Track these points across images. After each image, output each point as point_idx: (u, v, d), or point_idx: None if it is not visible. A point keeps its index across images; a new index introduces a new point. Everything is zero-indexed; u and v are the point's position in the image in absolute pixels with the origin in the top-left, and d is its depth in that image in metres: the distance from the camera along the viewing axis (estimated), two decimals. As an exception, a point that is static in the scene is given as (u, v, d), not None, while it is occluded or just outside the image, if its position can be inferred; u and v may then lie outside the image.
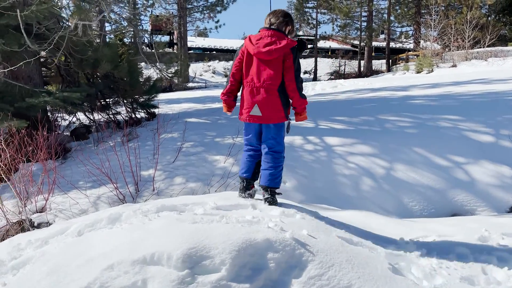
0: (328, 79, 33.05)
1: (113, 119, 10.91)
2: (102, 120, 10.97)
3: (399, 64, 35.23)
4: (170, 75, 10.11)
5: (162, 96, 22.49)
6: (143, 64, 11.39)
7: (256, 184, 3.44)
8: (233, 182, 6.25)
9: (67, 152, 8.53)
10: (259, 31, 3.11)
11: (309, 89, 18.90)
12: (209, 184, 6.20)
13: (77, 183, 6.43)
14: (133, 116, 10.89)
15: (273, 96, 2.92)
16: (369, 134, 7.59)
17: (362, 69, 36.92)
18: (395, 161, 6.78)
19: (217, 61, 42.48)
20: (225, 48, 45.55)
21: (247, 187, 3.20)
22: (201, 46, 44.37)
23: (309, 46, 46.13)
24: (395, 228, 2.77)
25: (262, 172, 3.21)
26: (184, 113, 11.28)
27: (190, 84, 34.95)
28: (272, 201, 3.07)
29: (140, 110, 11.03)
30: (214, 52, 44.65)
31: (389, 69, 35.06)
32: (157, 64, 7.16)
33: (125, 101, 10.47)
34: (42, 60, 9.80)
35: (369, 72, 35.62)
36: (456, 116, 8.25)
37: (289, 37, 3.08)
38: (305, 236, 2.09)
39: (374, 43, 39.13)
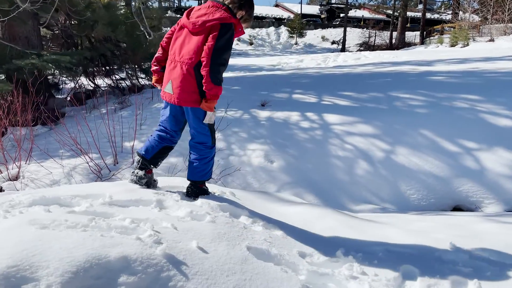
0: (357, 51, 31.68)
1: (117, 85, 10.63)
2: (105, 86, 10.71)
3: (434, 36, 33.26)
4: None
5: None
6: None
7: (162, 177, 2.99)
8: (216, 159, 5.84)
9: (61, 117, 8.31)
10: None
11: (330, 60, 18.05)
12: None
13: (57, 151, 6.17)
14: (137, 82, 10.55)
15: (188, 75, 2.49)
16: (374, 113, 6.95)
17: (393, 41, 35.12)
18: (397, 143, 6.17)
19: (243, 28, 41.39)
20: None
21: (141, 167, 2.73)
22: (228, 12, 43.20)
23: (341, 15, 44.28)
24: (344, 232, 2.31)
25: (188, 165, 2.79)
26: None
27: (214, 51, 34.32)
28: (190, 194, 2.68)
29: (144, 77, 10.67)
30: (241, 18, 43.46)
31: (422, 42, 33.18)
32: (148, 28, 6.74)
33: (127, 67, 10.11)
34: (42, 22, 9.48)
35: (401, 44, 33.81)
36: (475, 96, 7.45)
37: (240, 21, 2.56)
38: (191, 250, 1.67)
39: (409, 13, 37.06)
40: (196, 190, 2.67)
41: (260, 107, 7.32)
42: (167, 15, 21.18)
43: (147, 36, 7.11)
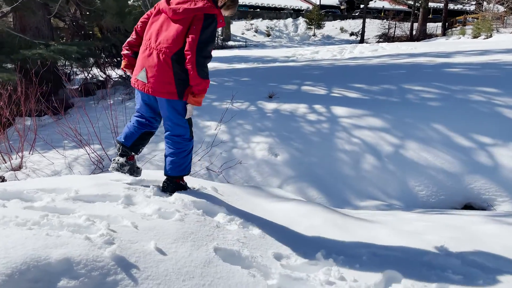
0: (376, 42, 30.99)
1: (128, 76, 10.60)
2: (116, 76, 10.70)
3: (456, 27, 32.28)
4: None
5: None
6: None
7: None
8: (219, 151, 5.73)
9: (69, 108, 8.32)
10: None
11: (346, 52, 17.67)
12: (194, 152, 5.70)
13: (61, 142, 6.16)
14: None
15: (165, 65, 2.35)
16: (384, 105, 6.72)
17: (414, 32, 34.21)
18: (407, 137, 5.94)
19: (260, 19, 41.09)
20: (270, 5, 43.88)
21: (121, 154, 2.59)
22: (244, 3, 42.96)
23: (361, 6, 43.38)
24: (330, 232, 2.15)
25: (165, 159, 2.63)
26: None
27: (230, 43, 34.17)
28: (166, 189, 2.53)
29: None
30: (258, 9, 43.16)
31: (444, 33, 32.24)
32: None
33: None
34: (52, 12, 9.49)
35: (422, 36, 32.88)
36: (492, 89, 7.12)
37: (221, 9, 2.41)
38: (147, 251, 1.54)
39: (431, 4, 36.00)
40: (172, 186, 2.54)
41: (267, 99, 7.16)
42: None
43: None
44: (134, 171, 2.64)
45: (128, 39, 2.72)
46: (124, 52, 2.72)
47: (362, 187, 5.35)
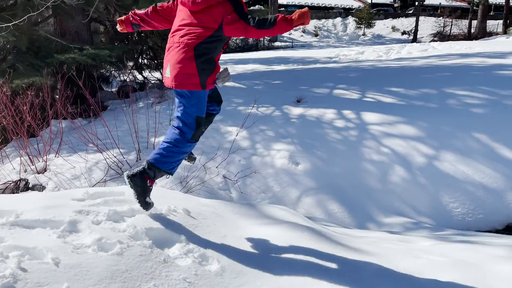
0: (430, 41, 29.44)
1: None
2: (154, 79, 10.83)
3: (519, 25, 29.94)
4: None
5: (237, 55, 22.14)
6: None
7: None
8: (238, 159, 5.53)
9: (103, 111, 8.49)
10: None
11: (393, 52, 16.83)
12: (213, 159, 5.55)
13: (87, 145, 6.24)
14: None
15: (187, 56, 2.25)
16: (421, 112, 6.20)
17: (472, 30, 32.15)
18: (443, 148, 5.42)
19: (308, 19, 40.44)
20: (319, 5, 43.14)
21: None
22: (293, 3, 42.54)
23: (416, 3, 41.49)
24: (310, 273, 1.84)
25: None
26: (233, 76, 10.62)
27: (277, 43, 33.95)
28: (133, 181, 2.27)
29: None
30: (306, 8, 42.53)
31: (505, 31, 30.03)
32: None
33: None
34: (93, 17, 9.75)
35: (480, 34, 30.85)
36: (548, 94, 6.37)
37: None
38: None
39: (492, 0, 33.70)
40: (138, 181, 2.27)
41: (294, 103, 6.87)
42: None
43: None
44: (143, 199, 2.31)
45: (144, 11, 2.61)
46: (130, 17, 2.63)
47: (389, 202, 4.93)
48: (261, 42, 33.62)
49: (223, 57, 20.95)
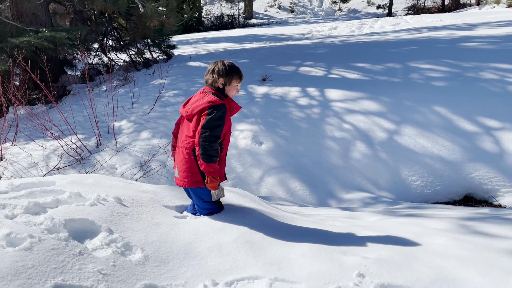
0: (405, 15, 29.41)
1: (134, 60, 10.43)
2: (121, 61, 10.55)
3: (492, -4, 30.14)
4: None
5: (212, 34, 21.72)
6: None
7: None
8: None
9: (66, 95, 8.25)
10: None
11: (366, 27, 16.79)
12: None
13: (45, 132, 6.07)
14: (149, 57, 10.31)
15: (187, 157, 2.52)
16: (384, 87, 6.21)
17: (446, 2, 32.26)
18: (404, 122, 5.46)
19: (284, -5, 39.90)
20: (294, -20, 42.32)
21: None
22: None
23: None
24: (233, 255, 1.80)
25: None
26: (202, 55, 10.43)
27: (252, 21, 33.43)
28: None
29: (156, 51, 10.39)
30: (282, -15, 41.81)
31: (478, 2, 30.25)
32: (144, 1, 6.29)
33: (139, 42, 9.86)
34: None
35: (454, 6, 31.02)
36: (508, 65, 6.44)
37: (226, 87, 2.53)
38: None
39: (465, -29, 33.66)
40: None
41: (260, 82, 6.79)
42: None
43: (140, 8, 6.72)
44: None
45: (172, 143, 2.90)
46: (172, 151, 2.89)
47: (350, 178, 4.97)
48: (236, 20, 33.08)
49: (195, 35, 20.53)
